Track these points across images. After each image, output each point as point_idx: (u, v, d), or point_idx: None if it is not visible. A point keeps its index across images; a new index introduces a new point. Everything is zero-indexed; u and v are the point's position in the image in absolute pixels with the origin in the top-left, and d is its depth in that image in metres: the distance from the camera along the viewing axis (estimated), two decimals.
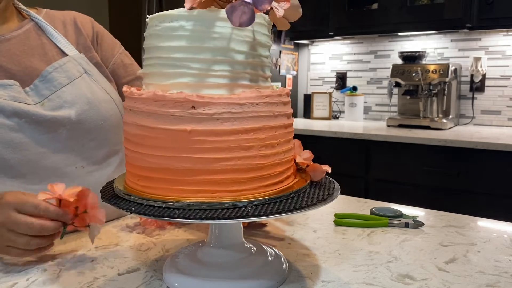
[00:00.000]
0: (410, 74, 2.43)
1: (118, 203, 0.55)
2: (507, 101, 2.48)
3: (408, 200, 2.19)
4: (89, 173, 0.85)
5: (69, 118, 0.81)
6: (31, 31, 0.87)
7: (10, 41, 0.83)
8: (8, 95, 0.77)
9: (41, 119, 0.78)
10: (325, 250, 0.74)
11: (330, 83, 3.09)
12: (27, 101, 0.78)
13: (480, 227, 0.87)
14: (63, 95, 0.82)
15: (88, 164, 0.85)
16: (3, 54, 0.81)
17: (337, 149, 2.34)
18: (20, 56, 0.83)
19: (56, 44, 0.88)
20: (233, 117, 0.53)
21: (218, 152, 0.53)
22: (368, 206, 0.97)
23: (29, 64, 0.83)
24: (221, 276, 0.60)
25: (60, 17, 0.94)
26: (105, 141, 0.88)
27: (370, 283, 0.62)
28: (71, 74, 0.85)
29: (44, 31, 0.88)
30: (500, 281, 0.63)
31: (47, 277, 0.64)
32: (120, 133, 0.93)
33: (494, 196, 1.94)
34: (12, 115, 0.76)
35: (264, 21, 0.58)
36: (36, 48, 0.86)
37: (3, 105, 0.75)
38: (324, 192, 0.59)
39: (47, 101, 0.80)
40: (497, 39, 2.47)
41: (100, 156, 0.88)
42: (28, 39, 0.86)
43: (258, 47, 0.57)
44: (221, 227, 0.64)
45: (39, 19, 0.89)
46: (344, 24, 2.66)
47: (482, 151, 1.95)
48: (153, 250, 0.75)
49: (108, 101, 0.89)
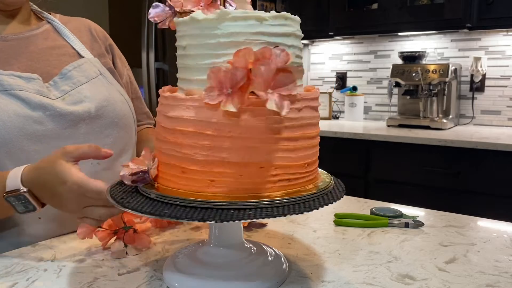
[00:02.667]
0: (410, 74, 2.43)
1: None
2: (507, 101, 2.48)
3: (408, 200, 2.20)
4: (103, 170, 0.86)
5: (89, 113, 0.84)
6: (49, 32, 0.90)
7: (29, 39, 0.86)
8: (33, 88, 0.79)
9: (64, 112, 0.80)
10: (325, 250, 0.74)
11: (330, 83, 3.09)
12: (49, 96, 0.81)
13: (480, 227, 0.87)
14: (83, 91, 0.85)
15: (102, 161, 0.86)
16: (23, 50, 0.84)
17: (337, 149, 2.34)
18: (39, 54, 0.86)
19: (72, 46, 0.91)
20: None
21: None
22: (368, 206, 0.97)
23: (47, 63, 0.85)
24: (221, 276, 0.60)
25: (74, 23, 0.97)
26: (119, 139, 0.90)
27: (370, 283, 0.62)
28: (89, 74, 0.88)
29: (61, 34, 0.92)
30: (500, 281, 0.63)
31: (47, 277, 0.64)
32: (132, 134, 0.94)
33: (494, 196, 1.94)
34: (37, 108, 0.78)
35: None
36: (54, 48, 0.89)
37: (29, 98, 0.77)
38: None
39: (68, 96, 0.83)
40: (497, 39, 2.47)
41: (114, 154, 0.89)
42: (46, 39, 0.89)
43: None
44: (221, 227, 0.64)
45: (56, 21, 0.93)
46: (344, 24, 2.66)
47: (482, 151, 1.95)
48: (153, 250, 0.75)
49: (123, 101, 0.92)
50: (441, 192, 2.06)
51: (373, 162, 2.28)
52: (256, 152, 0.54)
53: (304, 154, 0.58)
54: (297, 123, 0.56)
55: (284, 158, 0.56)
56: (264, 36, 0.55)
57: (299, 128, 0.57)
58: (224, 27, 0.54)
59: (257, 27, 0.54)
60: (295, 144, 0.56)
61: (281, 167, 0.55)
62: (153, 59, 2.77)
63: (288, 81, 0.52)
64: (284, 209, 0.52)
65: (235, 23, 0.54)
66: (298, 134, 0.57)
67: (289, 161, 0.56)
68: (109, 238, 0.74)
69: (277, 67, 0.51)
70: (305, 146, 0.58)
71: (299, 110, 0.56)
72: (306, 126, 0.58)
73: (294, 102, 0.55)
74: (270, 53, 0.51)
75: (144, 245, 0.74)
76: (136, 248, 0.74)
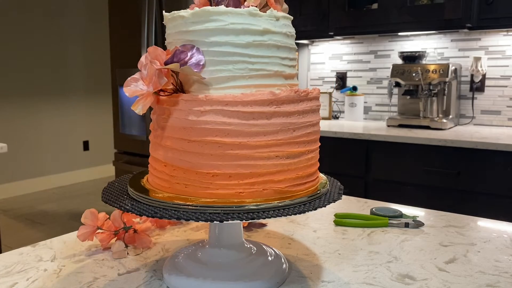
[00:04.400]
0: (410, 74, 2.43)
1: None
2: (507, 101, 2.48)
3: (408, 200, 2.19)
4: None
5: None
6: None
7: None
8: None
9: None
10: (325, 250, 0.74)
11: (330, 83, 3.09)
12: None
13: (480, 227, 0.87)
14: None
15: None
16: None
17: (337, 149, 2.34)
18: None
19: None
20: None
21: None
22: (368, 206, 0.97)
23: None
24: (221, 276, 0.60)
25: None
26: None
27: (370, 283, 0.62)
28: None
29: None
30: (500, 281, 0.63)
31: (47, 277, 0.64)
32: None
33: (494, 196, 1.94)
34: None
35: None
36: None
37: None
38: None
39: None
40: (497, 39, 2.47)
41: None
42: None
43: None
44: (222, 227, 0.64)
45: None
46: (344, 24, 2.66)
47: (482, 151, 1.95)
48: (153, 250, 0.75)
49: None
50: (441, 192, 2.06)
51: (373, 162, 2.28)
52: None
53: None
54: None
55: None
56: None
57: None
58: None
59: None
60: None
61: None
62: None
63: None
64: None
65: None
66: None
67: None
68: (110, 239, 0.74)
69: None
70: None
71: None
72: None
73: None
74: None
75: (145, 245, 0.74)
76: (136, 247, 0.74)
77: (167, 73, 0.55)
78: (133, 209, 0.53)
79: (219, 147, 0.54)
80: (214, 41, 0.56)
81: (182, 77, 0.59)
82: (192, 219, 0.50)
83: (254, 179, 0.55)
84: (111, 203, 0.56)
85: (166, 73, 0.55)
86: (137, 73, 0.57)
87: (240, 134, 0.54)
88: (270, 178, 0.56)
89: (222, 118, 0.54)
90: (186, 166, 0.56)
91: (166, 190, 0.58)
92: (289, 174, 0.57)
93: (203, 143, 0.54)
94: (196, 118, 0.55)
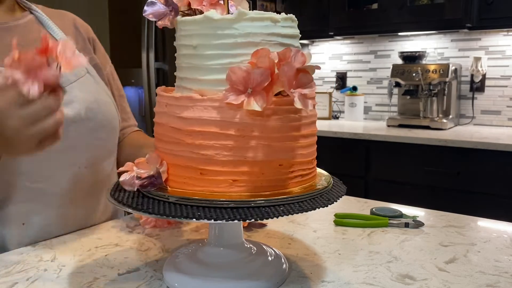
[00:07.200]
0: (410, 74, 2.43)
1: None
2: (507, 101, 2.48)
3: (408, 200, 2.20)
4: (87, 173, 0.84)
5: (79, 115, 0.81)
6: (33, 23, 0.86)
7: (14, 30, 0.81)
8: None
9: None
10: (325, 250, 0.74)
11: (330, 83, 3.09)
12: None
13: (480, 227, 0.87)
14: (73, 90, 0.81)
15: (89, 165, 0.85)
16: (8, 42, 0.80)
17: (337, 149, 2.34)
18: (24, 47, 0.81)
19: (56, 39, 0.86)
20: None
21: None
22: (368, 206, 0.97)
23: None
24: (221, 276, 0.60)
25: (58, 16, 0.92)
26: (107, 142, 0.88)
27: (370, 283, 0.62)
28: (77, 72, 0.84)
29: (44, 25, 0.87)
30: (500, 281, 0.63)
31: (47, 277, 0.64)
32: (116, 136, 0.93)
33: (494, 196, 1.94)
34: None
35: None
36: (38, 40, 0.84)
37: None
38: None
39: None
40: (497, 39, 2.47)
41: (100, 158, 0.88)
42: (30, 30, 0.84)
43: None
44: (221, 227, 0.64)
45: (40, 12, 0.88)
46: (344, 24, 2.66)
47: (482, 151, 1.95)
48: (153, 250, 0.75)
49: (110, 103, 0.90)
50: (441, 192, 2.06)
51: (373, 162, 2.28)
52: (278, 150, 0.56)
53: (312, 151, 0.61)
54: (310, 120, 0.59)
55: (300, 155, 0.58)
56: (278, 37, 0.56)
57: (311, 125, 0.60)
58: (241, 27, 0.54)
59: (271, 28, 0.56)
60: (307, 141, 0.59)
61: (297, 164, 0.58)
62: (153, 59, 2.76)
63: (308, 81, 0.53)
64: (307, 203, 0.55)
65: (252, 24, 0.55)
66: (310, 131, 0.60)
67: (303, 158, 0.59)
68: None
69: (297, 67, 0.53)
70: (313, 143, 0.61)
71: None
72: (314, 124, 0.61)
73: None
74: (290, 54, 0.52)
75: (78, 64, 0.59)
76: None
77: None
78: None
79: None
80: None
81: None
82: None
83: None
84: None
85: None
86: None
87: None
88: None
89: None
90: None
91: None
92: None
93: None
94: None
